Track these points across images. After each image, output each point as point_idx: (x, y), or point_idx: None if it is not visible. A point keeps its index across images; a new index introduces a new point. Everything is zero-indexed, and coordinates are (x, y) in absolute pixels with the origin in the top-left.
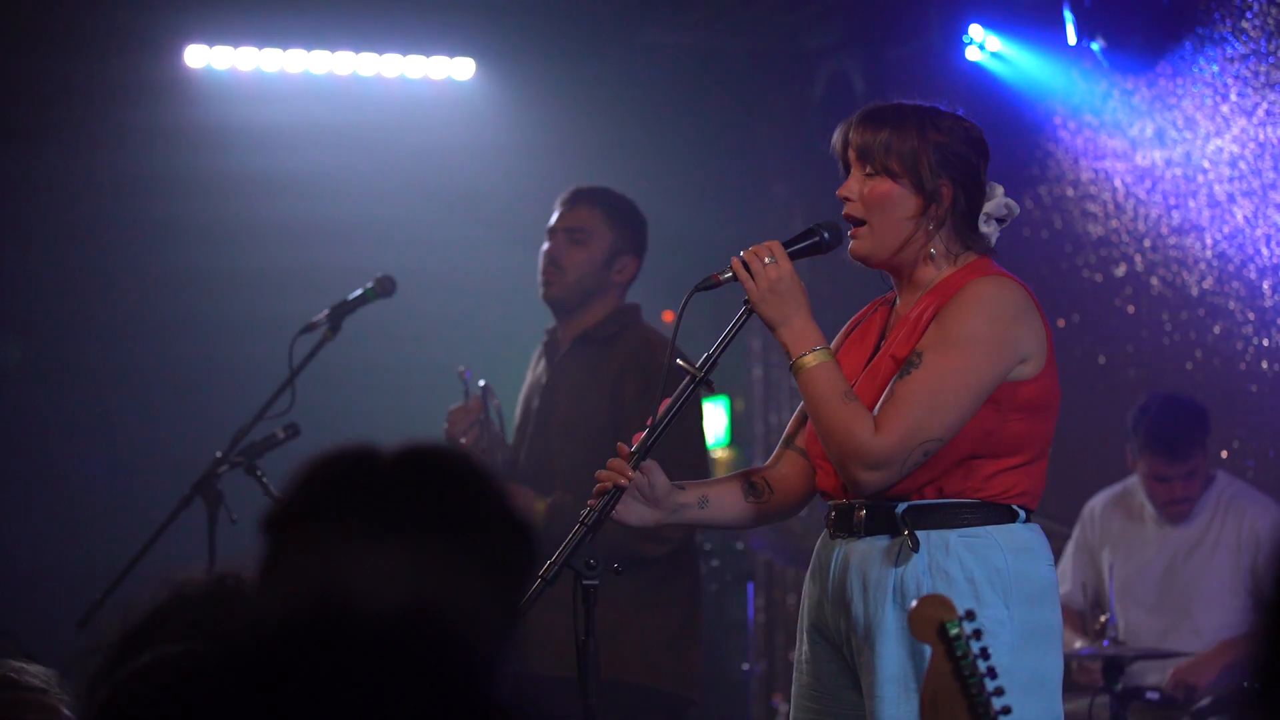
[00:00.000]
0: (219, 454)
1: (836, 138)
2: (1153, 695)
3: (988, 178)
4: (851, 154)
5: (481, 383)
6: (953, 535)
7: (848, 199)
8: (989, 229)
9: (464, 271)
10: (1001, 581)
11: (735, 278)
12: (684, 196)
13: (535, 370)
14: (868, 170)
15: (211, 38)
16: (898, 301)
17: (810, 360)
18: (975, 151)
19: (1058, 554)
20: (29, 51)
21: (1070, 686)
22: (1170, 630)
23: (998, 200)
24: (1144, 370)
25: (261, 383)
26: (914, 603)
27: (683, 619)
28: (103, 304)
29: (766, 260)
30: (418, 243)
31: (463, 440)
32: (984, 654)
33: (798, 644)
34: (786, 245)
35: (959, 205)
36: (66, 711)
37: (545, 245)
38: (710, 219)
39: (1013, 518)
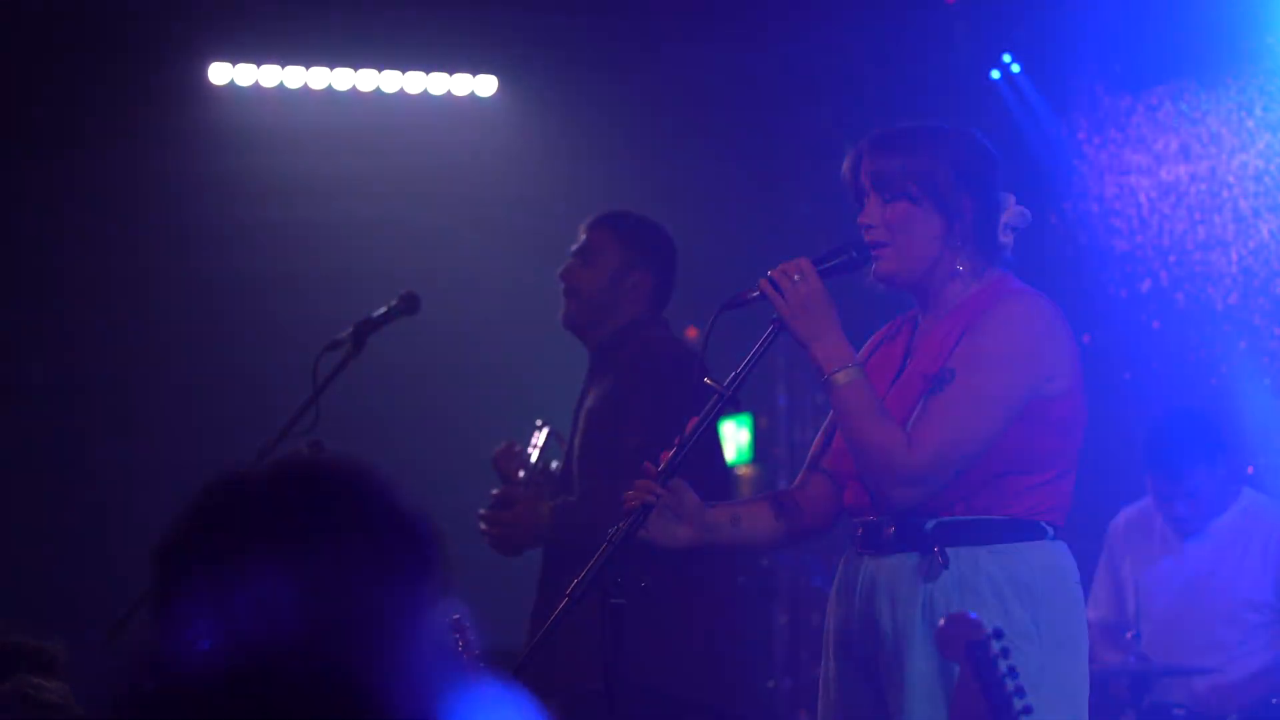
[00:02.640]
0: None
1: (846, 165)
2: (1179, 712)
3: (1003, 189)
4: (866, 181)
5: (547, 429)
6: (982, 551)
7: (869, 225)
8: (1006, 239)
9: (488, 287)
10: (1031, 599)
11: (764, 296)
12: (707, 214)
13: None
14: (885, 196)
15: (235, 55)
16: (921, 320)
17: (843, 377)
18: (988, 164)
19: (1088, 571)
20: (52, 68)
21: (1097, 703)
22: (1194, 646)
23: (1013, 210)
24: (1169, 386)
25: (286, 396)
26: (942, 620)
27: (716, 627)
28: (126, 323)
29: (796, 278)
30: (441, 258)
31: (517, 478)
32: (1012, 672)
33: (824, 661)
34: (816, 263)
35: (980, 219)
36: None
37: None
38: (734, 237)
39: (1041, 534)
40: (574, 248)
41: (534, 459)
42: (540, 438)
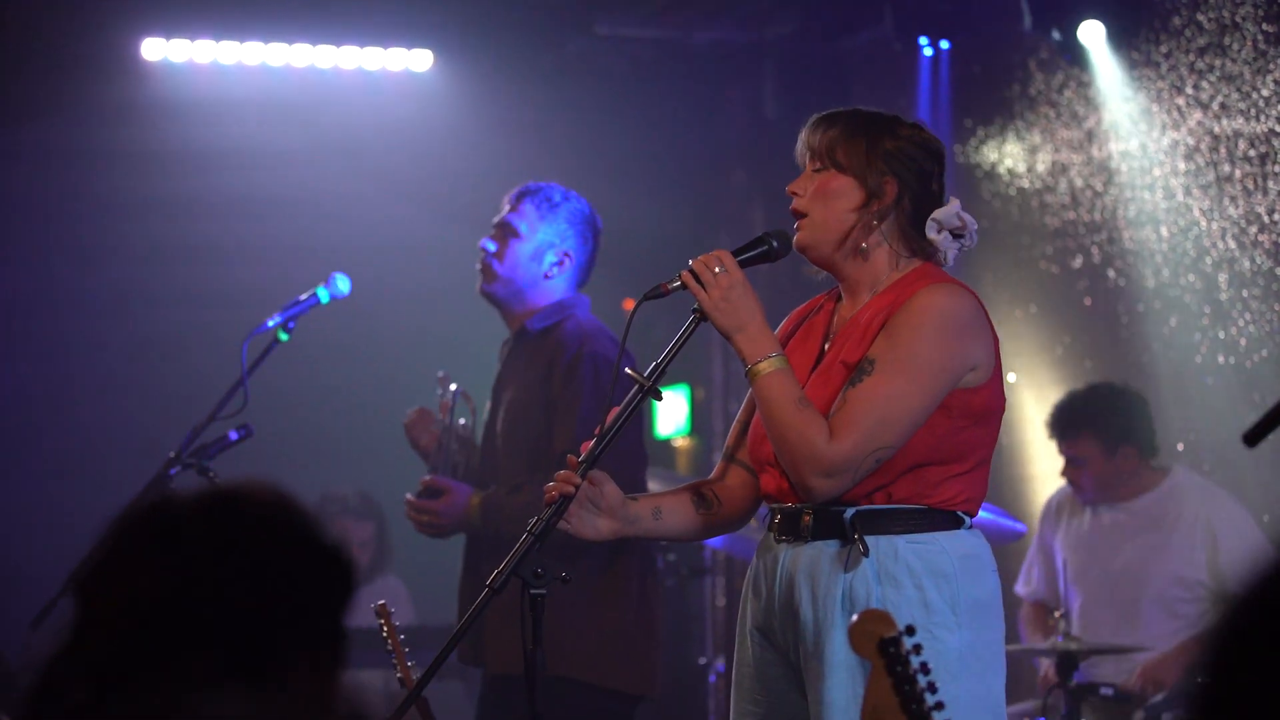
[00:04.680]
0: (171, 454)
1: (798, 143)
2: (1107, 690)
3: (947, 191)
4: (806, 153)
5: (454, 387)
6: (901, 541)
7: (796, 194)
8: (937, 237)
9: (424, 262)
10: (950, 588)
11: (685, 288)
12: (643, 187)
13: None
14: (816, 166)
15: (168, 30)
16: (842, 302)
17: (766, 366)
18: (929, 158)
19: (1020, 552)
20: None
21: (1026, 684)
22: (1121, 623)
23: (948, 209)
24: (1100, 362)
25: (218, 368)
26: (854, 617)
27: (634, 615)
28: (57, 296)
29: (717, 270)
30: (376, 235)
31: (423, 443)
32: (924, 669)
33: (738, 646)
34: (735, 254)
35: (904, 205)
36: None
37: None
38: (670, 209)
39: (958, 524)
40: (498, 219)
41: (446, 420)
42: (448, 394)
